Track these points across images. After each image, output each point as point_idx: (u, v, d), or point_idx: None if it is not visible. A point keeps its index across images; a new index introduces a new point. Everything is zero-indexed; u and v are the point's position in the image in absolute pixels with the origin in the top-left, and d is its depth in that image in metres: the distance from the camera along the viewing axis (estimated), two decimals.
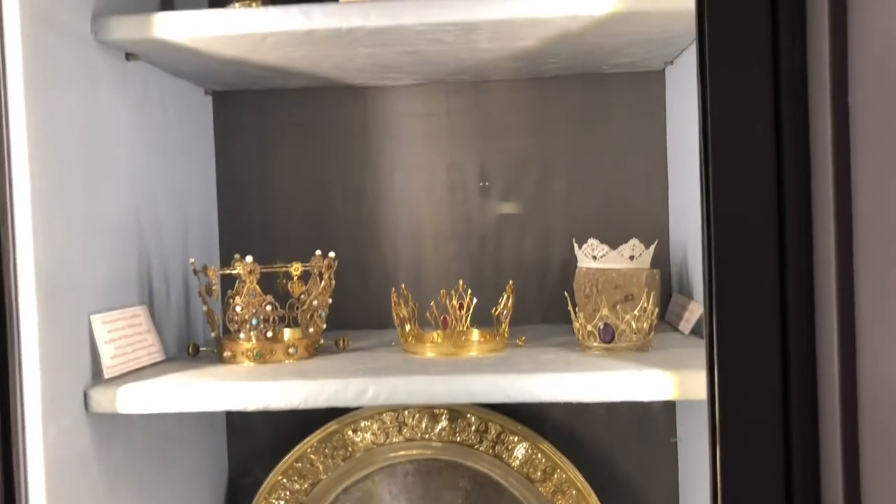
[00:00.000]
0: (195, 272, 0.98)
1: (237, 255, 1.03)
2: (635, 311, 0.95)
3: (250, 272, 0.92)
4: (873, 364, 0.61)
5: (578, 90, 1.22)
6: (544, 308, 1.23)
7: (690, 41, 0.99)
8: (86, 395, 0.86)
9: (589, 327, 0.95)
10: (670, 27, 0.92)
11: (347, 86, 1.22)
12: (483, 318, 1.03)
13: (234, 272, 0.93)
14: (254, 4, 0.97)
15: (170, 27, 0.89)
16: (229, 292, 0.97)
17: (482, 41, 0.95)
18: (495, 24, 0.88)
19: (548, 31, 0.92)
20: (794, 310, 0.68)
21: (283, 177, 1.26)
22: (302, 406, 0.84)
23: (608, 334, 0.94)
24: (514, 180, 1.24)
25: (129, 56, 0.97)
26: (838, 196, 0.64)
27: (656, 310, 0.96)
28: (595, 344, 0.95)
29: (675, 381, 0.82)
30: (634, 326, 0.94)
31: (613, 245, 1.04)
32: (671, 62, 1.15)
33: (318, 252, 1.03)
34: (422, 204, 1.26)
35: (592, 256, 1.05)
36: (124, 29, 0.89)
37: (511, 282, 1.02)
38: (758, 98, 0.66)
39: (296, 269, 0.95)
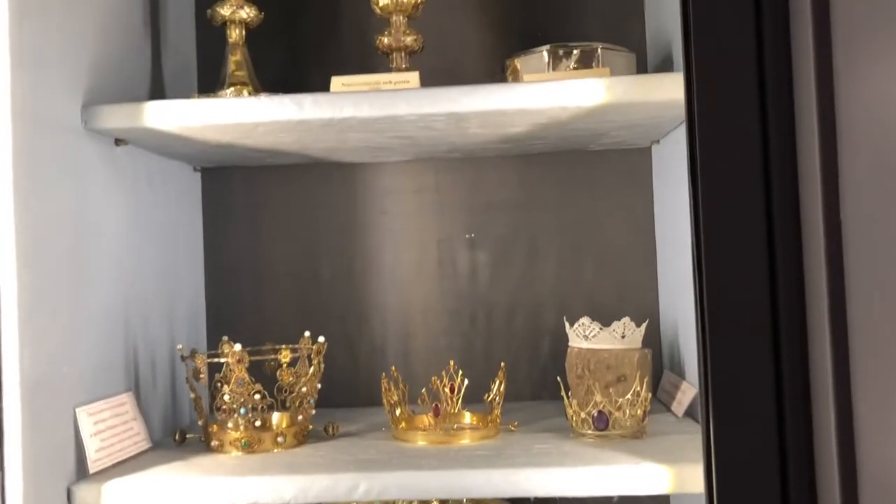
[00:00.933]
0: (183, 358, 0.96)
1: (225, 337, 1.02)
2: (628, 396, 0.94)
3: (238, 360, 0.90)
4: (872, 452, 0.60)
5: (566, 167, 1.23)
6: (535, 384, 1.22)
7: (678, 124, 1.00)
8: (70, 493, 0.83)
9: (583, 414, 0.94)
10: (659, 115, 0.93)
11: (338, 163, 1.22)
12: (474, 394, 1.02)
13: (221, 360, 0.92)
14: (245, 91, 0.97)
15: (160, 116, 0.89)
16: (217, 376, 0.96)
17: (472, 128, 0.96)
18: (485, 115, 0.89)
19: (537, 119, 0.92)
20: (790, 399, 0.67)
21: (272, 252, 1.25)
22: (292, 502, 0.83)
23: (602, 422, 0.93)
24: (503, 255, 1.24)
25: (118, 142, 0.96)
26: (831, 279, 0.64)
27: (650, 395, 0.95)
28: (589, 431, 0.94)
29: (672, 474, 0.80)
30: (628, 413, 0.93)
31: (604, 320, 1.04)
32: (658, 141, 1.16)
33: (307, 333, 1.02)
34: (411, 279, 1.25)
35: (584, 336, 1.05)
36: (115, 118, 0.89)
37: (503, 364, 1.02)
38: (748, 180, 0.66)
39: (285, 355, 0.93)
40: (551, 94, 0.86)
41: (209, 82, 1.03)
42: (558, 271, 1.23)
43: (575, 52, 1.02)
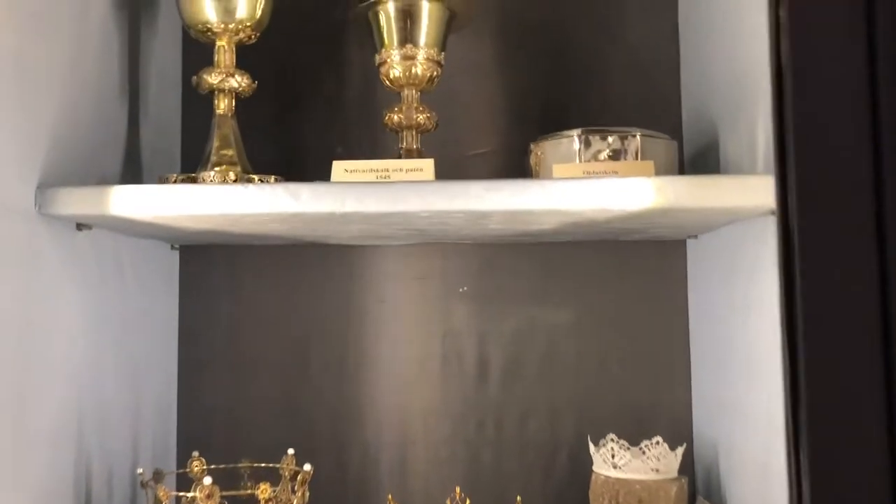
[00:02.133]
0: (143, 485, 0.81)
1: (195, 453, 0.88)
2: None
3: (208, 496, 0.76)
4: None
5: (590, 257, 1.10)
6: None
7: (728, 222, 0.88)
8: None
9: None
10: (713, 220, 0.81)
11: (332, 245, 1.09)
12: None
13: (189, 495, 0.77)
14: (231, 173, 0.84)
15: (129, 202, 0.75)
16: (184, 500, 0.81)
17: (492, 224, 0.83)
18: (510, 213, 0.76)
19: (570, 219, 0.80)
20: None
21: (255, 341, 1.11)
22: None
23: None
24: (517, 353, 1.10)
25: (80, 226, 0.83)
26: None
27: None
28: None
29: None
30: None
31: (629, 433, 0.90)
32: (696, 236, 1.03)
33: (291, 451, 0.88)
34: (411, 378, 1.11)
35: (612, 464, 0.90)
36: (75, 203, 0.76)
37: (519, 498, 0.87)
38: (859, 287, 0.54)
39: (263, 490, 0.79)
40: (590, 194, 0.73)
41: (195, 158, 0.90)
42: (578, 374, 1.09)
43: (610, 138, 0.90)
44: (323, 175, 0.81)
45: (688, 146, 1.07)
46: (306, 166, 1.08)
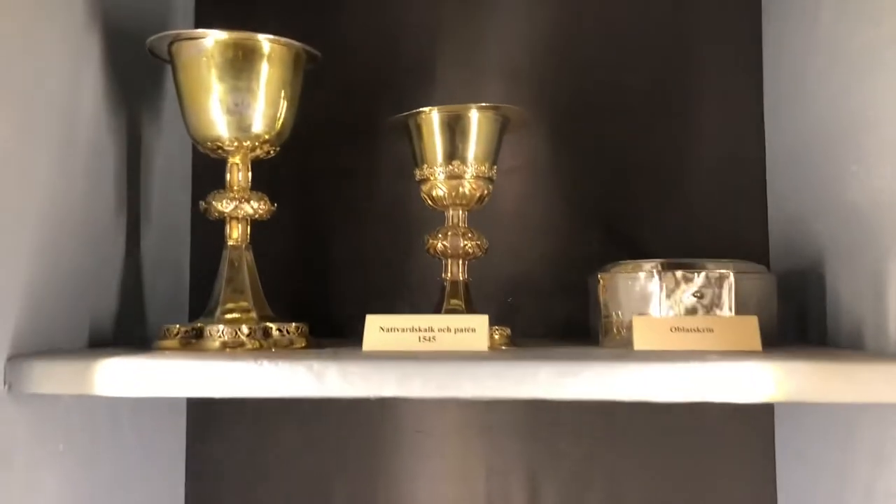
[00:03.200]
0: None
1: None
2: None
3: None
4: None
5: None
6: None
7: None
8: None
9: None
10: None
11: None
12: None
13: None
14: (244, 327, 0.70)
15: (120, 380, 0.61)
16: None
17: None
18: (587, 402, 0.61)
19: (658, 407, 0.64)
20: None
21: (273, 477, 0.97)
22: None
23: None
24: (573, 500, 0.95)
25: None
26: None
27: None
28: None
29: None
30: None
31: None
32: None
33: None
34: None
35: None
36: (52, 382, 0.62)
37: None
38: None
39: None
40: (691, 383, 0.58)
41: (207, 281, 0.76)
42: None
43: (698, 277, 0.75)
44: (354, 314, 0.68)
45: (773, 266, 0.92)
46: (332, 314, 0.95)
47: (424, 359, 0.61)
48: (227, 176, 0.75)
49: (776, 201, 0.94)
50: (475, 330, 0.65)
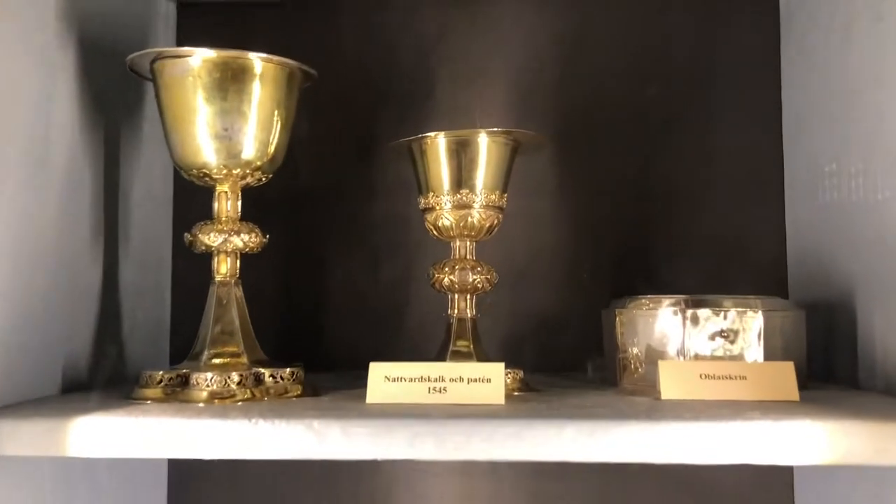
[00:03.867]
0: None
1: None
2: None
3: None
4: None
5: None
6: None
7: None
8: None
9: None
10: None
11: None
12: None
13: None
14: (235, 375, 0.63)
15: (96, 440, 0.55)
16: None
17: None
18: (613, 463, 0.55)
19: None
20: None
21: None
22: None
23: None
24: None
25: None
26: None
27: None
28: None
29: None
30: None
31: None
32: None
33: None
34: None
35: None
36: (17, 443, 0.55)
37: None
38: None
39: None
40: (730, 444, 0.53)
41: (192, 318, 0.70)
42: None
43: (724, 314, 0.70)
44: (349, 348, 0.62)
45: (793, 296, 0.87)
46: (328, 360, 0.88)
47: (437, 416, 0.55)
48: (215, 205, 0.69)
49: (796, 228, 0.89)
50: (490, 380, 0.60)
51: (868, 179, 0.72)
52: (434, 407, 0.58)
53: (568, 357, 0.91)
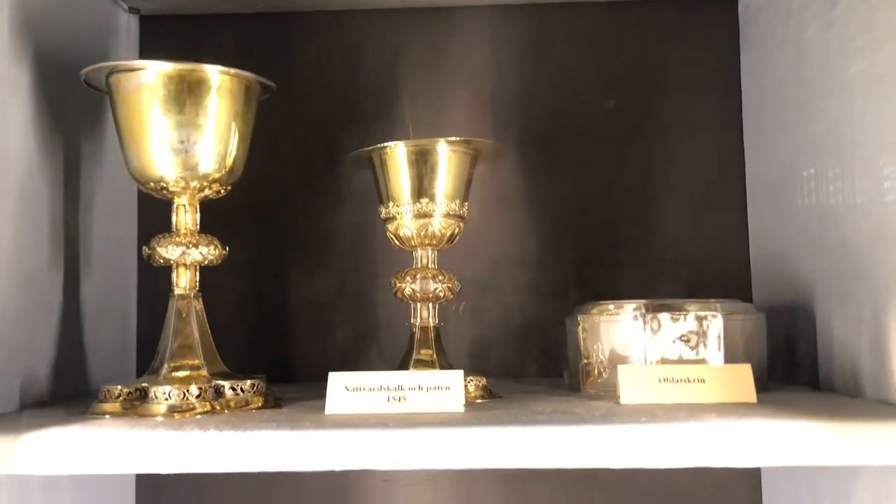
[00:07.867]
0: None
1: None
2: None
3: None
4: None
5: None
6: None
7: None
8: None
9: None
10: None
11: None
12: None
13: None
14: (193, 386, 0.63)
15: (50, 456, 0.54)
16: None
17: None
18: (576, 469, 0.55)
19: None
20: None
21: None
22: None
23: None
24: None
25: None
26: None
27: None
28: None
29: None
30: None
31: None
32: None
33: None
34: None
35: None
36: None
37: None
38: None
39: None
40: (693, 445, 0.53)
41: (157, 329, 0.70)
42: None
43: (685, 319, 0.70)
44: (313, 358, 0.61)
45: (756, 298, 0.88)
46: (288, 371, 0.88)
47: (395, 426, 0.54)
48: (174, 218, 0.69)
49: (758, 232, 0.90)
50: (450, 388, 0.60)
51: (823, 185, 0.73)
52: (392, 416, 0.58)
53: (536, 364, 0.91)
